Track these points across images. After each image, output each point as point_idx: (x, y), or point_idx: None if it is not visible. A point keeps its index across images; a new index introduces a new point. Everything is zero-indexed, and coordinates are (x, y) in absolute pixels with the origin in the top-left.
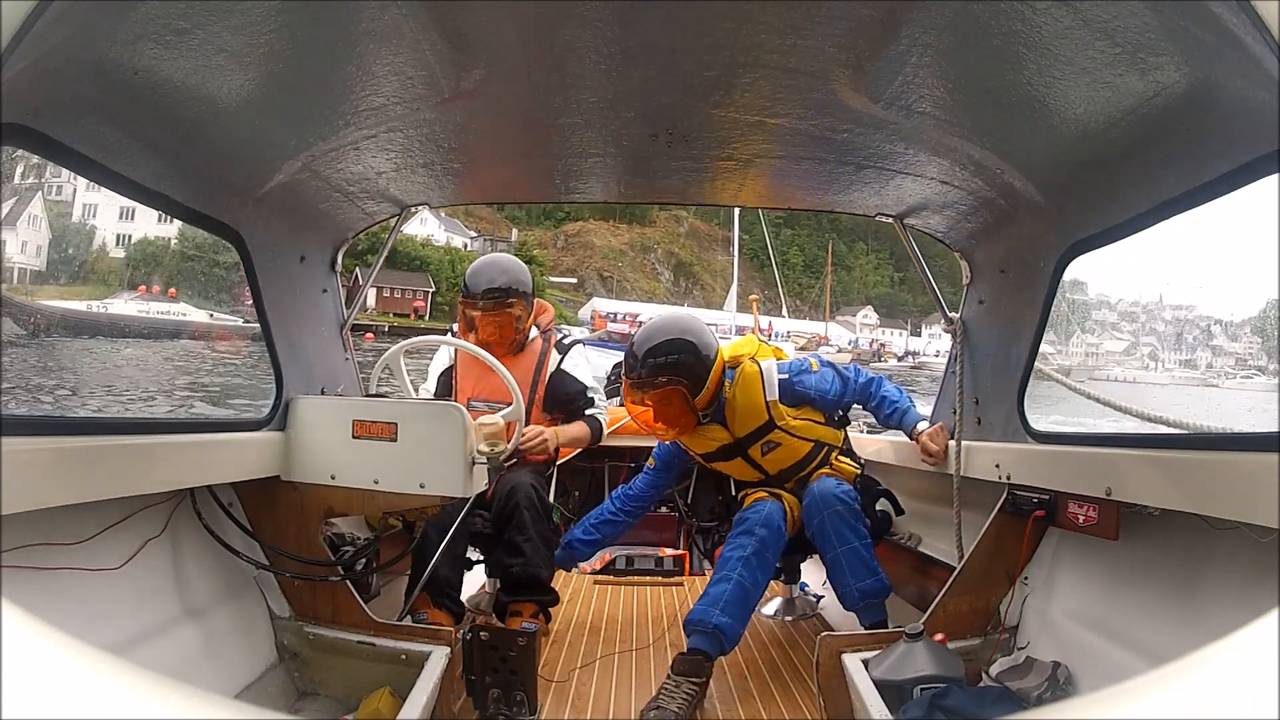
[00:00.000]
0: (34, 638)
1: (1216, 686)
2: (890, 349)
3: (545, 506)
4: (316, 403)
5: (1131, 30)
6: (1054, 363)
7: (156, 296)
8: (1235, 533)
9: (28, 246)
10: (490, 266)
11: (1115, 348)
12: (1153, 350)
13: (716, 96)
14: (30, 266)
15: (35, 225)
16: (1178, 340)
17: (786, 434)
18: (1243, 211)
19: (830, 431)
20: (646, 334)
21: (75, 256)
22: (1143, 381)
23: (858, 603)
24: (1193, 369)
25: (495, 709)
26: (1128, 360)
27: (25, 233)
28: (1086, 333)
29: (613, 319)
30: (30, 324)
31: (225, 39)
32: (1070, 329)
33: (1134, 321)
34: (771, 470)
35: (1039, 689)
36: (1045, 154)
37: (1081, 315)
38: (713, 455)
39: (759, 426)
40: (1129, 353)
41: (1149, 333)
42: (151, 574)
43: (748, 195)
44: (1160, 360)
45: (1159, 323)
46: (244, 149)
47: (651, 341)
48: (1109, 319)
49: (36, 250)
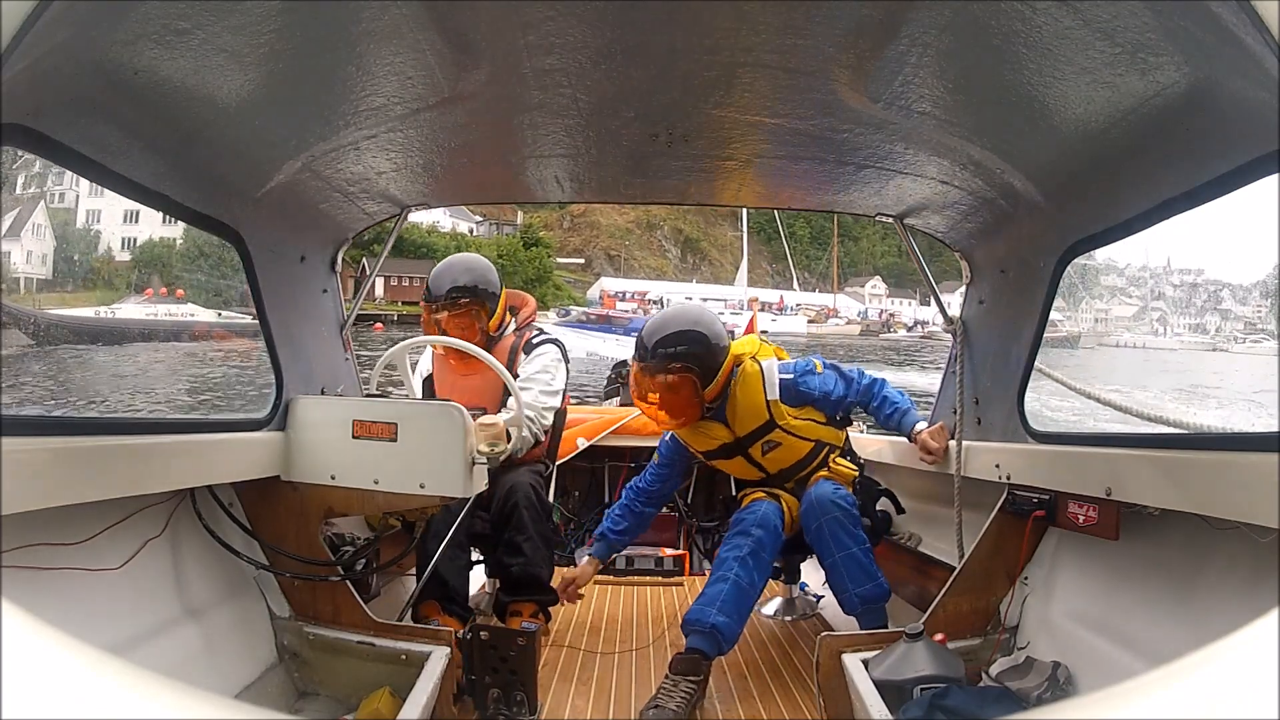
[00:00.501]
0: (34, 638)
1: (1216, 686)
2: (900, 319)
3: (545, 506)
4: (316, 403)
5: (1131, 30)
6: (1063, 329)
7: (165, 299)
8: (1235, 533)
9: (33, 256)
10: (452, 267)
11: (1124, 313)
12: (1161, 315)
13: (716, 96)
14: (36, 275)
15: (39, 234)
16: (1186, 305)
17: (787, 434)
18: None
19: (831, 432)
20: (660, 322)
21: (81, 263)
22: (1151, 347)
23: (857, 608)
24: (1202, 334)
25: (495, 709)
26: (1137, 326)
27: (30, 242)
28: (1095, 298)
29: (621, 298)
30: (43, 334)
31: (225, 39)
32: (1079, 295)
33: (1142, 286)
34: (771, 469)
35: (1039, 689)
36: (1045, 154)
37: (1092, 280)
38: (713, 453)
39: (759, 426)
40: (1138, 318)
41: (1157, 297)
42: (151, 574)
43: (748, 195)
44: (1169, 325)
45: (1167, 287)
46: (244, 149)
47: (665, 330)
48: (1117, 284)
49: (42, 259)
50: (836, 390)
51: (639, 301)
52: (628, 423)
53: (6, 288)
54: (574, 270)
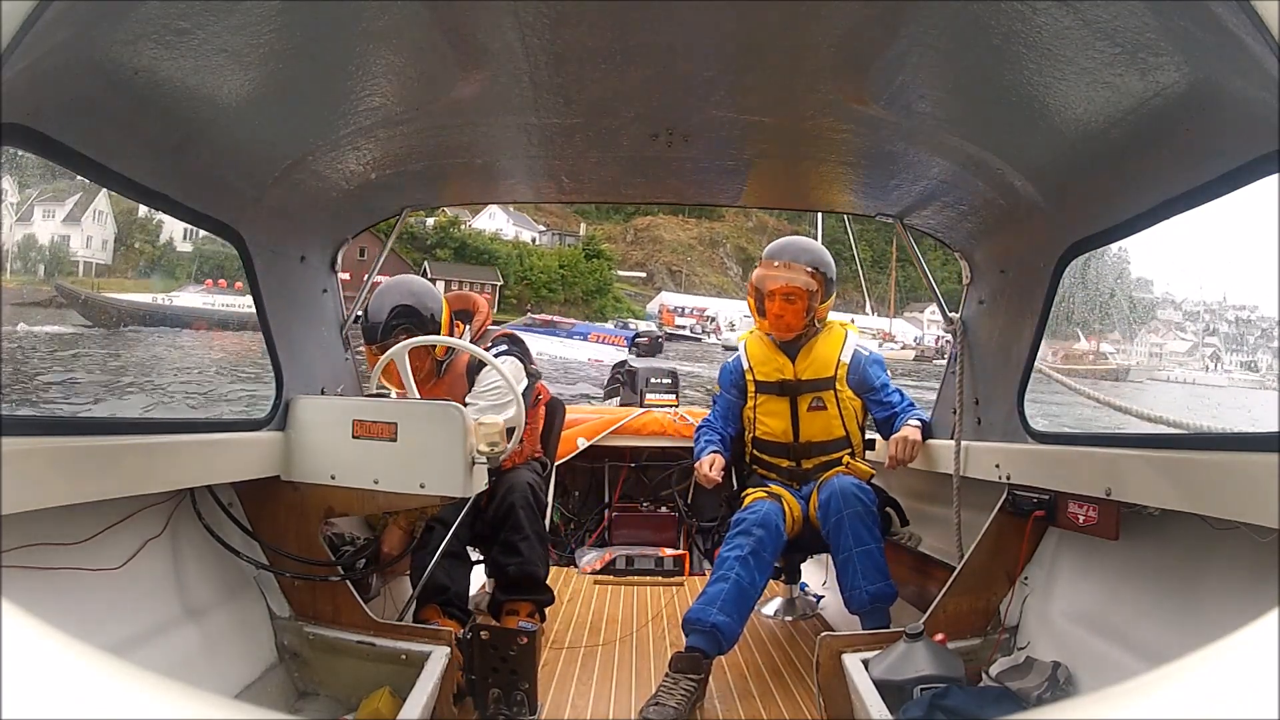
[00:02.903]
0: (34, 638)
1: (1216, 686)
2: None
3: (541, 506)
4: (316, 403)
5: (1131, 30)
6: (1113, 362)
7: (224, 290)
8: (1235, 533)
9: (93, 241)
10: (388, 294)
11: (1178, 348)
12: (1214, 351)
13: (716, 96)
14: (96, 260)
15: (100, 220)
16: (1240, 341)
17: (835, 403)
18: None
19: (857, 434)
20: (792, 240)
21: (142, 251)
22: (1200, 383)
23: (865, 605)
24: (1251, 371)
25: (495, 709)
26: (1189, 361)
27: (90, 228)
28: (1150, 332)
29: (680, 313)
30: (119, 319)
31: (225, 39)
32: (1133, 330)
33: (1197, 321)
34: (802, 435)
35: (1039, 689)
36: (1045, 154)
37: (1145, 313)
38: (768, 386)
39: (820, 379)
40: (1191, 353)
41: (1211, 332)
42: (151, 574)
43: (748, 195)
44: (1220, 362)
45: (1222, 323)
46: (244, 149)
47: (802, 244)
48: (1173, 318)
49: (102, 244)
50: (885, 390)
51: (697, 318)
52: (628, 423)
53: (65, 270)
54: (635, 284)
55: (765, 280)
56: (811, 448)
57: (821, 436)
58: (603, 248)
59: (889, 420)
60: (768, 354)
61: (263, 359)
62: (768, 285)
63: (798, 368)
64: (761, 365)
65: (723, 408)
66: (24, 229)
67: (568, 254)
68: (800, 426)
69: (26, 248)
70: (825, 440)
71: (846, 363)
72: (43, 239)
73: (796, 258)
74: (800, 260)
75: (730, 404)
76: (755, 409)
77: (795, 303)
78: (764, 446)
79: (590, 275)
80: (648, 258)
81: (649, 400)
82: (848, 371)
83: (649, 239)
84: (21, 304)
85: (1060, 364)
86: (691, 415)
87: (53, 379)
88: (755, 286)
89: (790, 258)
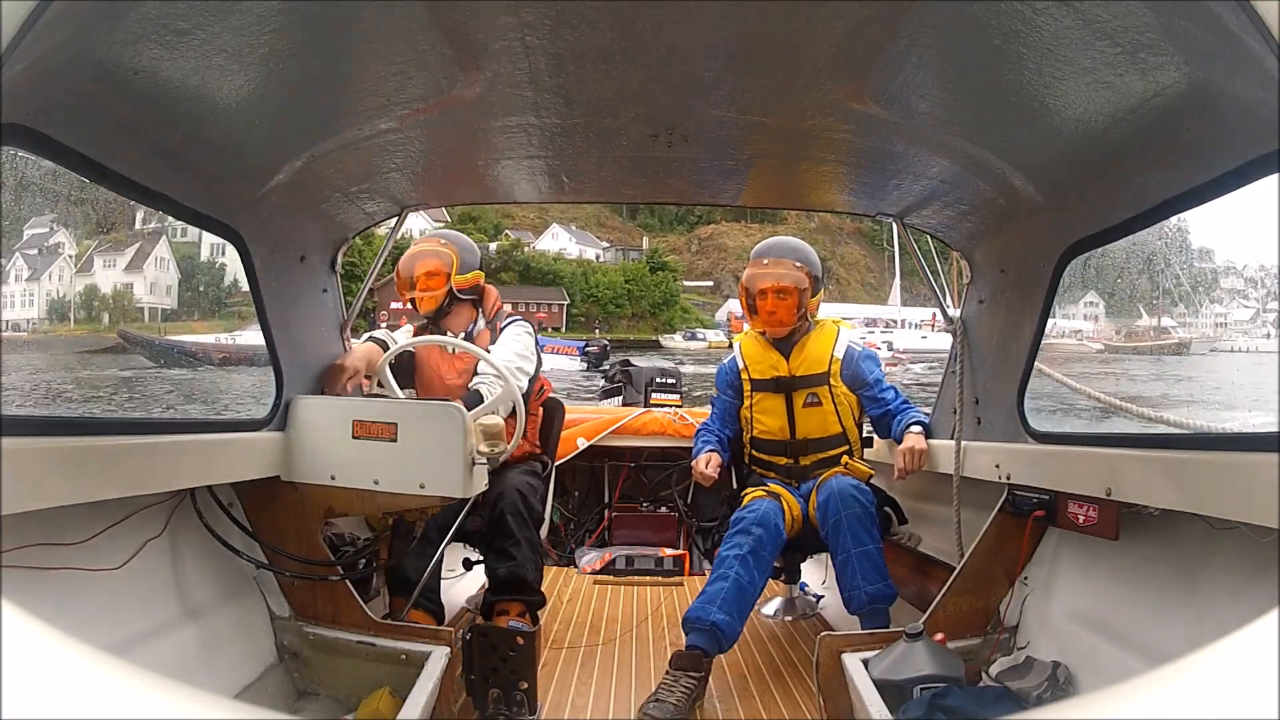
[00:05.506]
0: (34, 638)
1: (1216, 686)
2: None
3: (532, 511)
4: (316, 403)
5: (1131, 30)
6: (1175, 336)
7: None
8: (1235, 533)
9: (156, 287)
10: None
11: (1242, 316)
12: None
13: (716, 96)
14: (161, 306)
15: (163, 267)
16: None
17: (830, 399)
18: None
19: (854, 431)
20: (779, 239)
21: (207, 293)
22: (1264, 350)
23: (864, 606)
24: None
25: (495, 709)
26: (1253, 329)
27: (152, 274)
28: (1214, 302)
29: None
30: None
31: (225, 39)
32: (1198, 300)
33: (1259, 288)
34: (799, 432)
35: (1039, 689)
36: (1045, 154)
37: (1210, 283)
38: (763, 384)
39: (814, 375)
40: (1254, 320)
41: (1275, 298)
42: (151, 574)
43: (748, 195)
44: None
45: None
46: (244, 149)
47: (789, 243)
48: (1235, 285)
49: (166, 290)
50: (879, 386)
51: None
52: (628, 423)
53: (129, 317)
54: (703, 293)
55: (755, 279)
56: (809, 444)
57: (818, 433)
58: (667, 260)
59: (884, 419)
60: (762, 352)
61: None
62: (758, 284)
63: (791, 364)
64: (756, 364)
65: (720, 410)
66: (84, 279)
67: (632, 268)
68: (796, 423)
69: (89, 296)
70: (822, 437)
71: (839, 358)
72: (104, 288)
73: (784, 255)
74: (788, 258)
75: (727, 405)
76: (752, 408)
77: (786, 299)
78: (762, 445)
79: (656, 288)
80: (713, 266)
81: (654, 400)
82: (841, 367)
83: (713, 247)
84: (87, 351)
85: (1125, 342)
86: (692, 415)
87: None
88: (745, 286)
89: (778, 255)
